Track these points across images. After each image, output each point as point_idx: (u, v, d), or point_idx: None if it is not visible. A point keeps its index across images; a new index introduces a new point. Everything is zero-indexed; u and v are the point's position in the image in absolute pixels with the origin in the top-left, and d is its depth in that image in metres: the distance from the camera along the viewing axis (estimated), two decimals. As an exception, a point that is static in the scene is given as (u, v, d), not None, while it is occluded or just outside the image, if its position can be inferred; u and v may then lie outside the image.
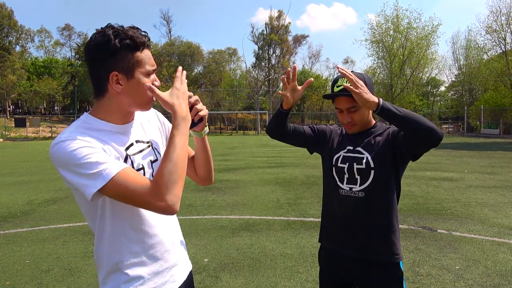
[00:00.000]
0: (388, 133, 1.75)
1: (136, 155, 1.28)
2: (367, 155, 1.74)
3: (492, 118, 37.57)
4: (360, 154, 1.77)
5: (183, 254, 1.44)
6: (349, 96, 1.67)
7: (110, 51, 1.14)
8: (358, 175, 1.74)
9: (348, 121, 1.75)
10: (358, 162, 1.75)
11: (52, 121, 47.29)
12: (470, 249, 4.36)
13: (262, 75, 60.26)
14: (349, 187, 1.76)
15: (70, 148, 1.09)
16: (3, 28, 55.72)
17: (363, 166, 1.73)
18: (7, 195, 8.06)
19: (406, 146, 1.63)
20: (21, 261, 4.20)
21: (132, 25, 1.23)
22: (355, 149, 1.79)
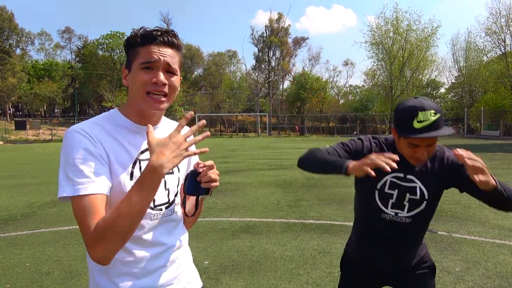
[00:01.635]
0: (443, 162, 1.62)
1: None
2: (419, 185, 1.62)
3: (492, 120, 37.60)
4: (412, 183, 1.63)
5: (185, 275, 1.36)
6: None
7: (125, 48, 1.20)
8: (407, 202, 1.64)
9: (424, 157, 1.53)
10: (412, 192, 1.63)
11: (52, 124, 47.32)
12: (471, 251, 4.36)
13: (262, 77, 60.33)
14: (394, 212, 1.67)
15: (75, 142, 1.09)
16: (3, 31, 55.84)
17: (417, 197, 1.63)
18: (7, 197, 8.06)
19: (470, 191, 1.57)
20: (21, 264, 4.19)
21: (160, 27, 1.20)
22: (406, 177, 1.64)
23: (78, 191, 1.04)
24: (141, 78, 1.15)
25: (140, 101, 1.17)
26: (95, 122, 1.18)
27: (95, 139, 1.11)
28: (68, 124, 51.38)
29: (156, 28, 1.19)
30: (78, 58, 64.91)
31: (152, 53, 1.15)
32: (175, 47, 1.20)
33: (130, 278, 1.20)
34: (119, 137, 1.18)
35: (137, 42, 1.17)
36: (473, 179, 1.35)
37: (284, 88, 66.44)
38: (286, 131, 53.16)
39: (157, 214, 1.24)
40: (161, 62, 1.15)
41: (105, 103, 52.23)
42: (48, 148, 26.70)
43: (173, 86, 1.19)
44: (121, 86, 55.39)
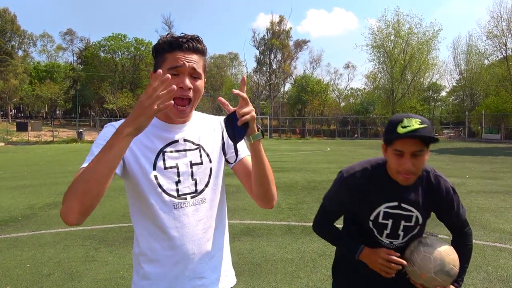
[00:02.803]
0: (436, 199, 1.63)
1: (174, 153, 1.29)
2: (416, 214, 1.62)
3: (493, 123, 37.55)
4: (408, 212, 1.61)
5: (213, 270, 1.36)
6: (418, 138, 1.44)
7: (153, 54, 1.30)
8: (402, 231, 1.64)
9: (409, 168, 1.46)
10: (407, 220, 1.62)
11: (53, 125, 47.36)
12: (472, 254, 4.34)
13: (263, 79, 60.42)
14: (389, 241, 1.66)
15: (101, 134, 1.25)
16: (6, 33, 56.06)
17: (411, 224, 1.63)
18: (8, 199, 8.07)
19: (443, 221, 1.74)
20: (21, 265, 4.20)
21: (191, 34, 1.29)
22: (400, 205, 1.60)
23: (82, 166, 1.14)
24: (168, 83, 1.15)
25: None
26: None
27: None
28: (70, 125, 51.45)
29: (182, 34, 1.27)
30: (80, 60, 65.14)
31: (178, 59, 1.23)
32: (200, 52, 1.28)
33: (156, 266, 1.27)
34: (149, 133, 1.27)
35: (164, 49, 1.25)
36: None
37: (285, 91, 66.56)
38: (287, 133, 53.14)
39: (181, 203, 1.28)
40: (187, 67, 1.23)
41: (107, 105, 52.31)
42: (49, 150, 26.73)
43: (198, 89, 1.27)
44: (123, 88, 55.56)
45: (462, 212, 1.69)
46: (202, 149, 1.35)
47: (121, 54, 58.64)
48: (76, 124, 49.01)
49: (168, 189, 1.27)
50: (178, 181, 1.28)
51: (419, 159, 1.47)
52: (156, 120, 1.30)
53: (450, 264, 1.55)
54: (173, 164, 1.28)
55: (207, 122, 1.42)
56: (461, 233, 1.73)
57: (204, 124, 1.40)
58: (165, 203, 1.26)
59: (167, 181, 1.27)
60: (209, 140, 1.38)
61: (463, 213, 1.69)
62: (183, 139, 1.32)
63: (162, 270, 1.27)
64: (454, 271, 1.54)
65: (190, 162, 1.31)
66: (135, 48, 58.30)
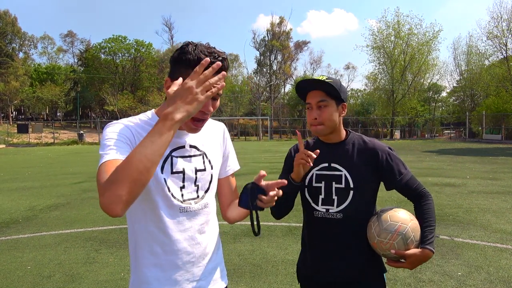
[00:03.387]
0: (373, 160, 1.61)
1: (182, 158, 1.30)
2: (345, 173, 1.61)
3: (494, 124, 37.52)
4: (337, 171, 1.62)
5: (212, 272, 1.40)
6: (321, 89, 1.58)
7: (172, 60, 1.25)
8: (336, 195, 1.61)
9: (314, 118, 1.59)
10: (337, 181, 1.61)
11: (54, 127, 47.43)
12: (473, 255, 4.34)
13: (263, 81, 60.46)
14: (325, 208, 1.63)
15: (108, 129, 1.20)
16: (6, 35, 56.13)
17: (342, 186, 1.60)
18: (9, 200, 8.08)
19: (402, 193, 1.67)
20: (22, 267, 4.20)
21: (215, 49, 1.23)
22: (330, 165, 1.64)
23: (102, 159, 1.10)
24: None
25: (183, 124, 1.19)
26: (131, 120, 1.27)
27: (131, 129, 1.21)
28: (70, 127, 51.51)
29: (212, 51, 1.20)
30: (80, 62, 65.17)
31: None
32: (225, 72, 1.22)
33: (157, 270, 1.28)
34: None
35: (190, 63, 1.17)
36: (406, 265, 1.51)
37: (286, 92, 66.51)
38: (287, 134, 53.14)
39: (187, 207, 1.30)
40: None
41: (107, 107, 52.37)
42: (50, 152, 26.75)
43: (215, 108, 1.26)
44: (123, 90, 55.63)
45: (407, 172, 1.63)
46: (205, 156, 1.37)
47: (121, 56, 58.74)
48: (76, 126, 49.06)
49: (174, 193, 1.28)
50: (183, 186, 1.30)
51: (323, 110, 1.58)
52: None
53: (392, 221, 1.51)
54: (180, 169, 1.29)
55: (211, 128, 1.43)
56: (415, 194, 1.64)
57: (208, 130, 1.41)
58: (172, 207, 1.27)
59: (173, 186, 1.27)
60: (212, 147, 1.41)
61: (408, 173, 1.64)
62: (189, 145, 1.33)
63: (163, 274, 1.28)
64: (404, 229, 1.49)
65: (195, 168, 1.33)
66: (136, 49, 58.41)
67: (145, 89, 56.59)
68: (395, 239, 1.49)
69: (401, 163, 1.64)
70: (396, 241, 1.49)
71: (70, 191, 9.17)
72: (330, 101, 1.58)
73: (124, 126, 1.21)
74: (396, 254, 1.49)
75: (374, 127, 51.76)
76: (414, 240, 1.50)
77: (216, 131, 1.45)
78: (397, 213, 1.54)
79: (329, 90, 1.57)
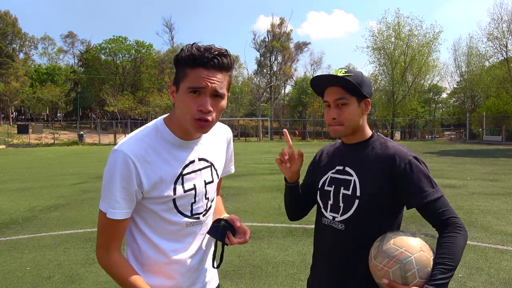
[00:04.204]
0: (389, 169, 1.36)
1: (191, 174, 1.29)
2: (355, 178, 1.41)
3: (494, 125, 37.50)
4: (348, 176, 1.43)
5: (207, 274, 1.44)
6: (340, 85, 1.39)
7: (174, 63, 1.21)
8: (343, 202, 1.42)
9: (333, 118, 1.40)
10: (346, 187, 1.42)
11: (54, 128, 47.45)
12: (473, 256, 4.33)
13: (264, 82, 60.48)
14: (332, 216, 1.45)
15: (117, 167, 1.18)
16: (7, 36, 56.17)
17: (349, 192, 1.40)
18: (9, 201, 8.07)
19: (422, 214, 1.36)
20: (22, 268, 4.19)
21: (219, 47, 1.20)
22: (344, 169, 1.46)
23: (110, 214, 1.19)
24: (189, 105, 1.16)
25: (187, 124, 1.19)
26: (141, 138, 1.23)
27: (136, 164, 1.18)
28: (70, 128, 51.52)
29: (208, 47, 1.16)
30: (80, 63, 65.21)
31: (200, 79, 1.14)
32: (225, 69, 1.19)
33: (159, 276, 1.30)
34: (164, 153, 1.24)
35: (187, 63, 1.16)
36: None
37: (286, 93, 66.57)
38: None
39: (194, 222, 1.32)
40: (209, 89, 1.15)
41: (107, 107, 52.39)
42: (50, 152, 26.74)
43: (219, 109, 1.21)
44: (123, 90, 55.63)
45: (432, 191, 1.31)
46: (213, 167, 1.37)
47: (122, 57, 58.78)
48: (77, 126, 49.06)
49: (184, 210, 1.29)
50: (194, 201, 1.31)
51: (342, 109, 1.39)
52: (173, 137, 1.25)
53: (395, 245, 1.24)
54: (191, 186, 1.29)
55: (217, 134, 1.42)
56: (439, 222, 1.31)
57: (215, 137, 1.40)
58: (179, 223, 1.29)
59: (184, 203, 1.29)
60: (218, 156, 1.41)
61: (435, 192, 1.32)
62: (198, 158, 1.31)
63: (166, 282, 1.30)
64: (406, 257, 1.21)
65: (204, 181, 1.33)
66: (136, 50, 58.46)
67: (146, 90, 56.61)
68: (391, 267, 1.22)
69: (426, 178, 1.34)
70: (392, 270, 1.22)
71: (70, 192, 9.16)
72: (350, 99, 1.39)
73: (132, 167, 1.18)
74: (388, 285, 1.22)
75: (375, 128, 51.67)
76: (416, 275, 1.20)
77: (221, 136, 1.44)
78: (405, 238, 1.26)
79: (349, 86, 1.38)
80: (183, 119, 1.19)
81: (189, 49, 1.16)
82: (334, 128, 1.42)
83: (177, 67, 1.20)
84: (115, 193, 1.17)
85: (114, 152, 1.19)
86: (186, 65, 1.16)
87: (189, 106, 1.16)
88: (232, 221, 1.36)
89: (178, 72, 1.19)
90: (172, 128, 1.26)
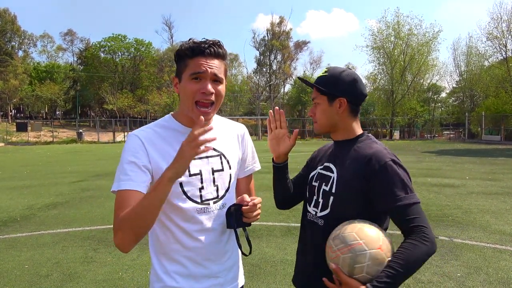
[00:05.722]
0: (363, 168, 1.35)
1: (197, 160, 1.35)
2: (334, 175, 1.43)
3: (493, 125, 37.52)
4: (330, 172, 1.46)
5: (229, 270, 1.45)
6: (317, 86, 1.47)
7: (175, 58, 1.35)
8: (322, 198, 1.45)
9: (310, 115, 1.53)
10: (326, 182, 1.44)
11: (53, 126, 47.34)
12: (472, 256, 4.33)
13: (263, 80, 60.43)
14: (314, 210, 1.47)
15: (128, 146, 1.30)
16: (6, 33, 56.06)
17: (327, 188, 1.43)
18: (7, 199, 8.05)
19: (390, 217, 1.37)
20: (20, 266, 4.18)
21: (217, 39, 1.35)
22: (329, 166, 1.49)
23: (119, 187, 1.23)
24: (191, 88, 1.29)
25: (189, 110, 1.31)
26: (150, 127, 1.37)
27: (143, 142, 1.30)
28: (69, 126, 51.43)
29: (204, 40, 1.32)
30: (80, 61, 65.11)
31: (200, 65, 1.28)
32: (221, 57, 1.33)
33: (178, 266, 1.34)
34: (170, 138, 1.34)
35: (186, 55, 1.30)
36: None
37: (285, 92, 66.52)
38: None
39: (205, 208, 1.36)
40: (208, 73, 1.29)
41: (107, 106, 52.32)
42: (49, 150, 26.70)
43: (220, 93, 1.33)
44: (123, 89, 55.55)
45: (405, 197, 1.28)
46: (223, 156, 1.43)
47: (121, 55, 58.68)
48: (76, 124, 48.95)
49: (193, 196, 1.34)
50: (202, 187, 1.36)
51: (316, 108, 1.49)
52: (179, 124, 1.37)
53: (356, 234, 1.22)
54: (197, 171, 1.36)
55: (229, 129, 1.51)
56: (406, 228, 1.27)
57: (226, 131, 1.48)
58: (189, 209, 1.33)
59: (191, 188, 1.35)
60: (230, 147, 1.47)
61: (407, 198, 1.28)
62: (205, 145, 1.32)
63: (183, 270, 1.34)
64: (361, 249, 1.19)
65: (212, 169, 1.39)
66: (135, 48, 58.36)
67: (145, 88, 56.57)
68: (344, 253, 1.21)
69: (401, 183, 1.30)
70: (343, 256, 1.21)
71: (69, 190, 9.14)
72: (320, 98, 1.47)
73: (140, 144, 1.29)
74: (334, 270, 1.23)
75: (374, 127, 51.73)
76: (364, 270, 1.18)
77: (234, 133, 1.51)
78: (369, 231, 1.24)
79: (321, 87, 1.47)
80: (187, 105, 1.31)
81: (187, 43, 1.32)
82: (314, 125, 1.52)
83: (178, 61, 1.33)
84: (125, 167, 1.25)
85: (127, 136, 1.35)
86: (186, 56, 1.30)
87: (191, 90, 1.28)
88: (241, 201, 1.36)
89: (179, 65, 1.33)
90: (179, 119, 1.38)
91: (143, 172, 1.25)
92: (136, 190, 1.22)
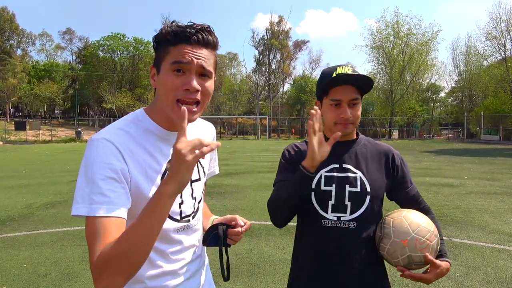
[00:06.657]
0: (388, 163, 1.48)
1: None
2: (360, 175, 1.41)
3: (492, 124, 37.58)
4: (351, 173, 1.42)
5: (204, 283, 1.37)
6: (353, 84, 1.38)
7: (154, 45, 1.08)
8: (350, 200, 1.39)
9: (348, 117, 1.38)
10: (352, 184, 1.40)
11: (52, 125, 47.24)
12: (470, 256, 4.34)
13: (262, 80, 60.41)
14: (336, 216, 1.39)
15: (98, 154, 0.98)
16: (4, 32, 55.94)
17: (358, 190, 1.39)
18: (5, 198, 8.04)
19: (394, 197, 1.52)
20: (18, 265, 4.17)
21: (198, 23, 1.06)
22: (342, 167, 1.42)
23: (93, 211, 0.93)
24: (172, 83, 1.01)
25: (169, 109, 1.03)
26: (121, 128, 1.06)
27: (120, 150, 1.00)
28: (68, 125, 51.38)
29: (190, 24, 1.04)
30: (78, 59, 65.02)
31: (185, 53, 1.01)
32: (211, 46, 1.07)
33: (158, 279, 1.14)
34: (147, 144, 1.07)
35: (168, 40, 1.02)
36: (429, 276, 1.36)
37: (284, 91, 66.57)
38: (286, 134, 53.14)
39: (184, 226, 1.17)
40: (194, 64, 1.01)
41: (105, 104, 52.24)
42: (47, 149, 26.66)
43: (207, 91, 1.06)
44: (121, 88, 55.49)
45: (414, 185, 1.52)
46: (199, 164, 1.24)
47: (120, 54, 58.61)
48: (74, 123, 48.90)
49: (172, 213, 1.13)
50: (181, 202, 1.16)
51: (355, 109, 1.40)
52: (156, 127, 1.10)
53: (428, 221, 1.35)
54: None
55: (203, 130, 1.30)
56: (420, 208, 1.46)
57: (201, 133, 1.27)
58: (169, 229, 1.13)
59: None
60: None
61: (415, 187, 1.52)
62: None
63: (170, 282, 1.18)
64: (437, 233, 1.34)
65: (191, 179, 1.16)
66: (134, 47, 58.28)
67: (144, 87, 56.47)
68: (432, 240, 1.29)
69: (411, 177, 1.53)
70: (432, 243, 1.29)
71: (67, 189, 9.12)
72: (360, 99, 1.42)
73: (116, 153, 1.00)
74: (426, 259, 1.29)
75: (373, 127, 51.79)
76: (437, 251, 1.35)
77: (207, 133, 1.32)
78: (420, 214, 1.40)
79: (362, 86, 1.40)
80: (166, 103, 1.03)
81: (170, 26, 1.03)
82: (346, 126, 1.40)
83: (158, 48, 1.06)
84: (100, 185, 0.94)
85: (91, 141, 1.00)
86: (167, 42, 1.02)
87: (172, 85, 1.01)
88: (229, 222, 1.27)
89: (159, 53, 1.05)
90: (154, 118, 1.10)
91: (125, 192, 0.98)
92: (118, 217, 0.94)
